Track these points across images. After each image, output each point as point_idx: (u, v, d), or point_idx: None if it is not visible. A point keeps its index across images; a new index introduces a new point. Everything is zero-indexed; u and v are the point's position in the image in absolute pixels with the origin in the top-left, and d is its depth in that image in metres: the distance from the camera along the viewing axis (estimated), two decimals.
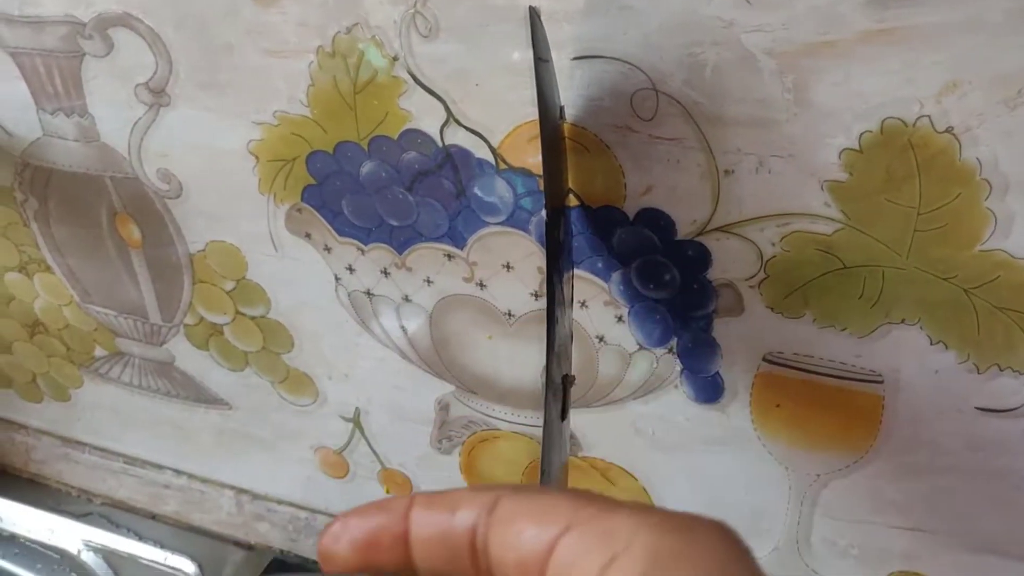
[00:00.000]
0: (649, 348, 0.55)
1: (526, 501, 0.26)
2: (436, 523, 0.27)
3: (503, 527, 0.26)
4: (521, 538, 0.25)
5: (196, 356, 0.70)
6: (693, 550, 0.24)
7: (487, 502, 0.27)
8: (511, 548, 0.26)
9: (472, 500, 0.27)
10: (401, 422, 0.66)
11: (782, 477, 0.56)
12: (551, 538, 0.25)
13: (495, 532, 0.26)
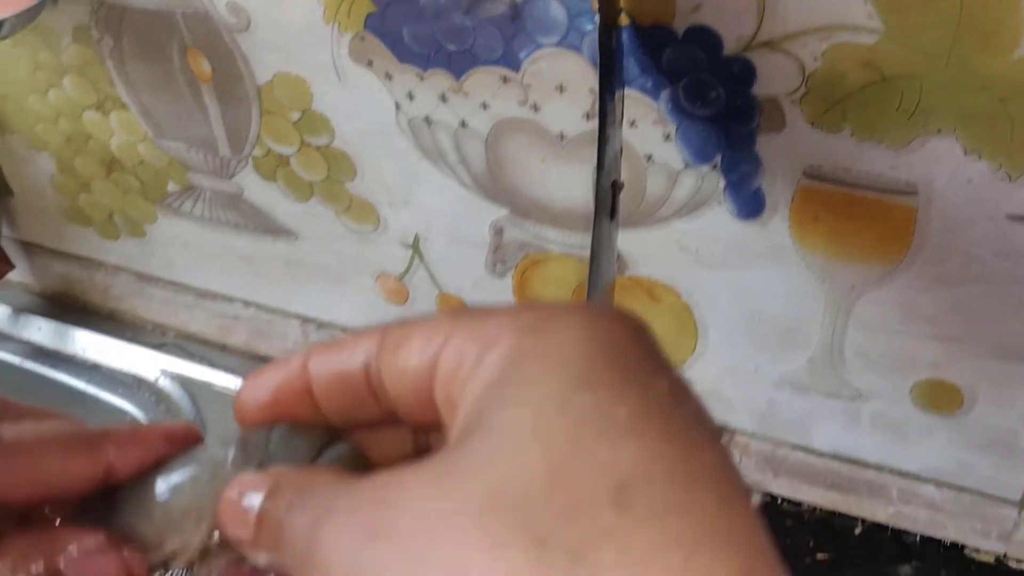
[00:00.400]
0: (695, 165, 0.58)
1: (409, 327, 0.26)
2: (332, 369, 0.27)
3: (391, 356, 0.26)
4: (409, 361, 0.25)
5: (264, 187, 0.74)
6: (549, 346, 0.22)
7: (375, 338, 0.27)
8: (401, 374, 0.26)
9: (360, 339, 0.27)
10: (458, 247, 0.70)
11: (819, 290, 0.60)
12: (434, 352, 0.24)
13: (385, 363, 0.26)
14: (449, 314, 0.25)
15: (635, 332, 0.23)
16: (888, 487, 0.67)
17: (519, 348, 0.22)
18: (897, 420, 0.63)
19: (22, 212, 0.91)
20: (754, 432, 0.69)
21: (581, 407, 0.20)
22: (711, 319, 0.65)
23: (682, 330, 0.66)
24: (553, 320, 0.23)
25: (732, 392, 0.68)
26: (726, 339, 0.65)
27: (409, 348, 0.25)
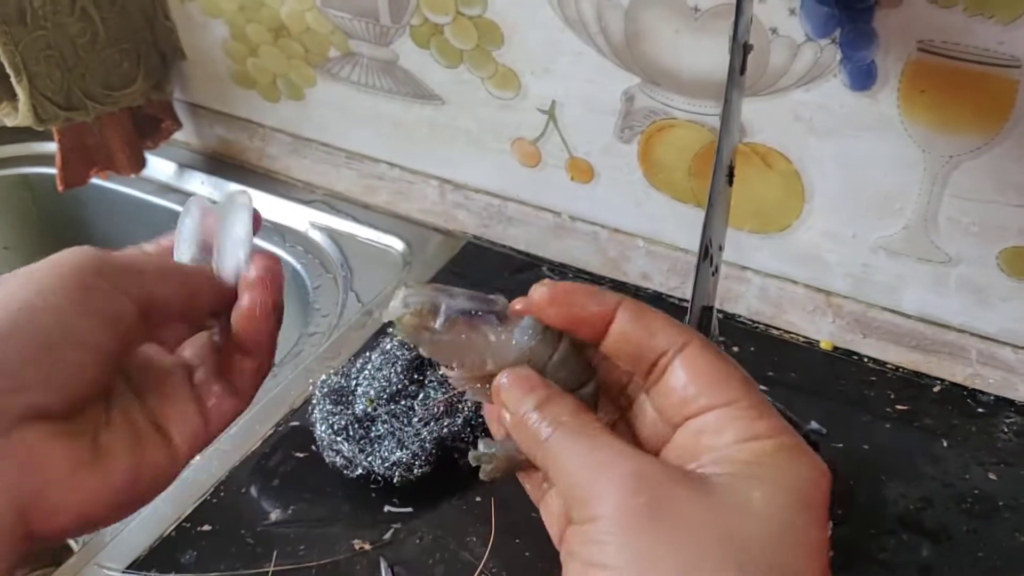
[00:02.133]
0: (815, 39, 0.64)
1: (711, 361, 0.34)
2: (635, 331, 0.35)
3: (680, 369, 0.34)
4: (685, 390, 0.34)
5: (418, 55, 0.83)
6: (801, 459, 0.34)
7: (680, 342, 0.34)
8: (677, 393, 0.34)
9: (669, 332, 0.35)
10: (590, 113, 0.78)
11: (918, 160, 0.66)
12: (711, 404, 0.33)
13: (671, 374, 0.34)
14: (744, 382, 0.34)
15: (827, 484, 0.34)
16: (968, 349, 0.73)
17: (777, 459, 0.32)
18: (982, 284, 0.70)
19: (193, 76, 1.02)
20: (848, 294, 0.76)
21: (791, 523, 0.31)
22: (817, 186, 0.72)
23: (790, 195, 0.73)
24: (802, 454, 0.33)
25: (830, 256, 0.75)
26: (829, 205, 0.72)
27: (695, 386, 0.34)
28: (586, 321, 0.35)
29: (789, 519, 0.30)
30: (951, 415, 0.73)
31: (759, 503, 0.30)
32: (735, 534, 0.30)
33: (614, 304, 0.35)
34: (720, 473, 0.32)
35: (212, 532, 0.70)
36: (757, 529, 0.30)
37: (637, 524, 0.30)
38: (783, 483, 0.31)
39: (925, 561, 0.64)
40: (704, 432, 0.33)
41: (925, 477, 0.69)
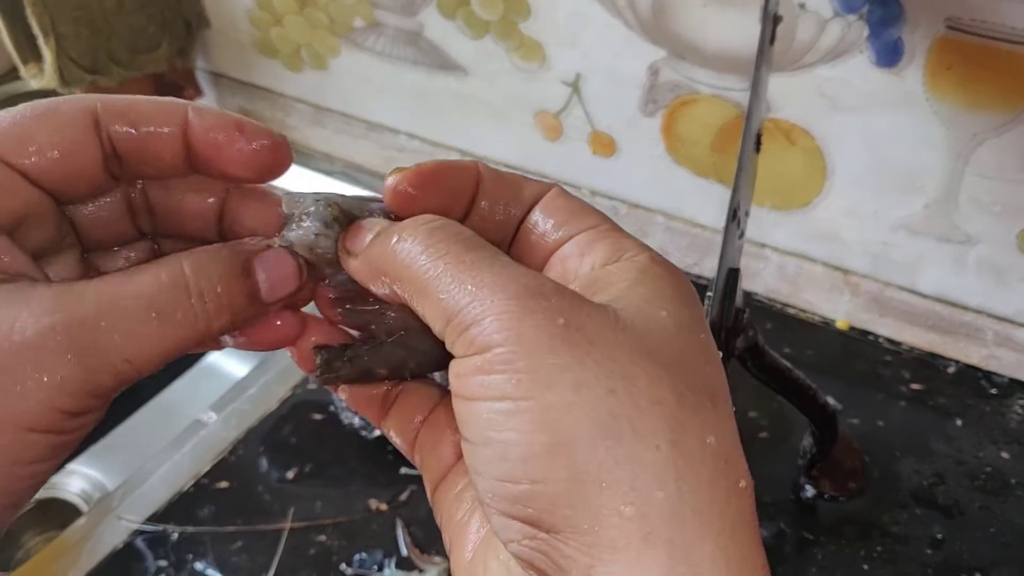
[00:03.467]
0: (843, 14, 0.65)
1: (572, 200, 0.31)
2: (503, 192, 0.31)
3: (541, 212, 0.31)
4: (546, 225, 0.30)
5: (443, 25, 0.83)
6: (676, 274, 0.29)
7: (544, 190, 0.31)
8: (537, 233, 0.31)
9: (534, 186, 0.31)
10: (614, 86, 0.78)
11: (942, 138, 0.67)
12: (571, 233, 0.30)
13: (531, 218, 0.31)
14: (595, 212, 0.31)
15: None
16: (984, 330, 0.74)
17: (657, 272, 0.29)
18: (1001, 265, 0.70)
19: (216, 44, 1.02)
20: (866, 273, 0.77)
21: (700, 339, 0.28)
22: (839, 163, 0.72)
23: (812, 172, 0.74)
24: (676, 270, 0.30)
25: (850, 234, 0.75)
26: (850, 183, 0.73)
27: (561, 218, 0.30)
28: (453, 195, 0.30)
29: (695, 336, 0.28)
30: (965, 395, 0.74)
31: (664, 322, 0.27)
32: (655, 353, 0.26)
33: (474, 169, 0.31)
34: (611, 299, 0.28)
35: (229, 489, 0.71)
36: (673, 348, 0.27)
37: (548, 346, 0.25)
38: (674, 297, 0.28)
39: (937, 535, 0.65)
40: (569, 258, 0.30)
41: (938, 454, 0.70)
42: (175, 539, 0.67)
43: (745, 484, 0.27)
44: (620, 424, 0.25)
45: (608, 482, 0.25)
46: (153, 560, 0.66)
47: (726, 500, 0.26)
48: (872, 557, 0.64)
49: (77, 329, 0.26)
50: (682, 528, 0.25)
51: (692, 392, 0.26)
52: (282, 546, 0.66)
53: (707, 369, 0.27)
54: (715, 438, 0.26)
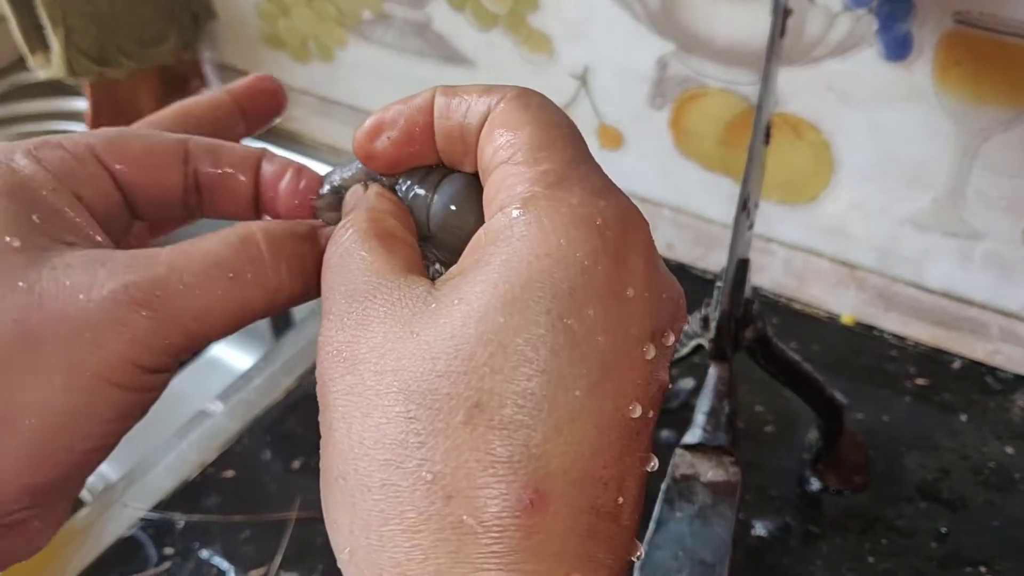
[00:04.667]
0: (852, 7, 0.65)
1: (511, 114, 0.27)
2: (455, 119, 0.29)
3: (487, 133, 0.28)
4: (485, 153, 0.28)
5: (451, 17, 0.83)
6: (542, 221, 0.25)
7: (495, 98, 0.28)
8: (483, 157, 0.28)
9: (483, 97, 0.28)
10: (622, 79, 0.78)
11: (950, 132, 0.67)
12: (496, 163, 0.27)
13: (483, 132, 0.28)
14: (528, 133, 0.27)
15: (610, 247, 0.25)
16: (989, 325, 0.74)
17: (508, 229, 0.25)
18: (1007, 260, 0.70)
19: (223, 36, 1.03)
20: (872, 268, 0.77)
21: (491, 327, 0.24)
22: (846, 157, 0.72)
23: (819, 166, 0.74)
24: (546, 214, 0.25)
25: (857, 228, 0.75)
26: (857, 177, 0.73)
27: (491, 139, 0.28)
28: (412, 135, 0.30)
29: (485, 326, 0.24)
30: (970, 391, 0.74)
31: (454, 314, 0.24)
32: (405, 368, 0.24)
33: (429, 97, 0.30)
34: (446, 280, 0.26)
35: (235, 478, 0.71)
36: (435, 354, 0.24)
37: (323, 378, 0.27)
38: (498, 271, 0.24)
39: (942, 529, 0.65)
40: (488, 204, 0.27)
41: (943, 449, 0.70)
42: (181, 527, 0.67)
43: (475, 520, 0.23)
44: (345, 466, 0.25)
45: (338, 523, 0.25)
46: (159, 548, 0.66)
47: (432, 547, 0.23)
48: (877, 550, 0.64)
49: (150, 286, 0.27)
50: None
51: (432, 412, 0.24)
52: (288, 535, 0.66)
53: (483, 370, 0.24)
54: (434, 471, 0.23)
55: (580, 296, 0.24)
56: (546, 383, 0.23)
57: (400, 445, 0.24)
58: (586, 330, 0.24)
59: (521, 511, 0.23)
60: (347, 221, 0.29)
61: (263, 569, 0.65)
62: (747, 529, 0.65)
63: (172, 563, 0.65)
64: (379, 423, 0.24)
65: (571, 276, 0.24)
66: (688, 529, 0.50)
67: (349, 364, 0.25)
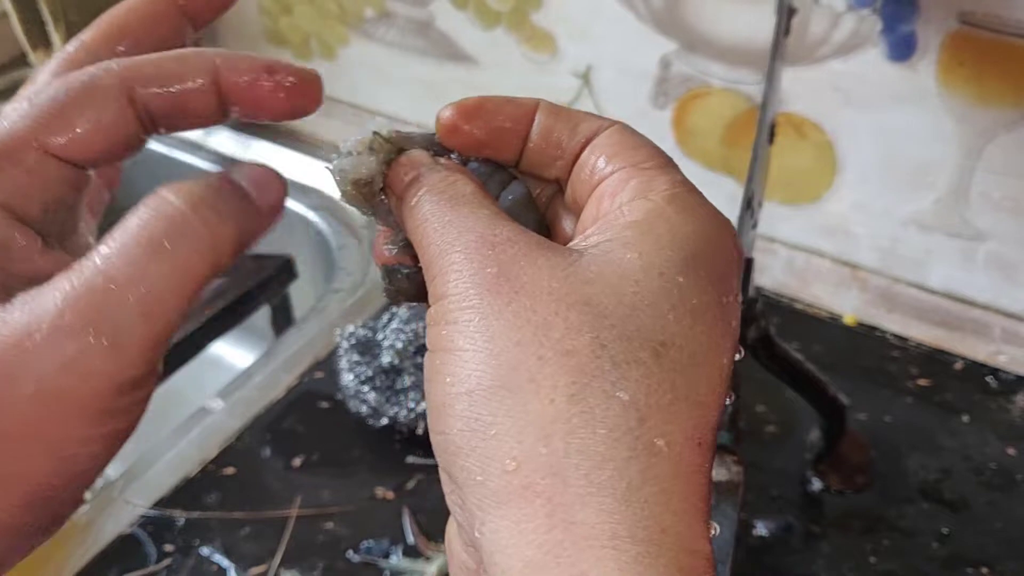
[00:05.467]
0: (856, 8, 0.65)
1: (626, 136, 0.30)
2: (557, 127, 0.30)
3: (595, 148, 0.30)
4: (598, 161, 0.29)
5: (454, 16, 0.83)
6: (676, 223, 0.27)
7: (602, 126, 0.30)
8: (589, 164, 0.30)
9: (591, 122, 0.30)
10: (625, 78, 0.78)
11: (953, 133, 0.67)
12: (614, 169, 0.29)
13: (585, 154, 0.30)
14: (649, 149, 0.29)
15: (738, 252, 0.29)
16: (992, 326, 0.74)
17: (664, 212, 0.27)
18: (1010, 261, 0.70)
19: (225, 34, 1.02)
20: (875, 268, 0.77)
21: (672, 282, 0.26)
22: (850, 158, 0.72)
23: (822, 166, 0.74)
24: (698, 208, 0.28)
25: (860, 228, 0.75)
26: (861, 177, 0.73)
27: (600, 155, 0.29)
28: (505, 130, 0.30)
29: (667, 280, 0.26)
30: (972, 391, 0.74)
31: (629, 265, 0.26)
32: (593, 300, 0.26)
33: (532, 105, 0.31)
34: (599, 242, 0.27)
35: (236, 475, 0.71)
36: (622, 293, 0.26)
37: (479, 298, 0.26)
38: (667, 239, 0.27)
39: (943, 529, 0.65)
40: (603, 197, 0.29)
41: (945, 450, 0.70)
42: (181, 524, 0.67)
43: (665, 444, 0.25)
44: (518, 375, 0.25)
45: (497, 433, 0.25)
46: (159, 545, 0.66)
47: (626, 460, 0.24)
48: (879, 550, 0.64)
49: (83, 304, 0.26)
50: (564, 487, 0.24)
51: (623, 342, 0.25)
52: (289, 532, 0.66)
53: (668, 317, 0.26)
54: (630, 393, 0.25)
55: (728, 283, 0.28)
56: (711, 343, 0.26)
57: (592, 364, 0.25)
58: (730, 311, 0.28)
59: (693, 447, 0.25)
60: (447, 178, 0.29)
61: (263, 567, 0.65)
62: (749, 529, 0.65)
63: (172, 560, 0.65)
64: (563, 337, 0.25)
65: (724, 264, 0.28)
66: None
67: (510, 293, 0.26)
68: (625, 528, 0.24)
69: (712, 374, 0.26)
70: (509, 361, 0.25)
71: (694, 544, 0.24)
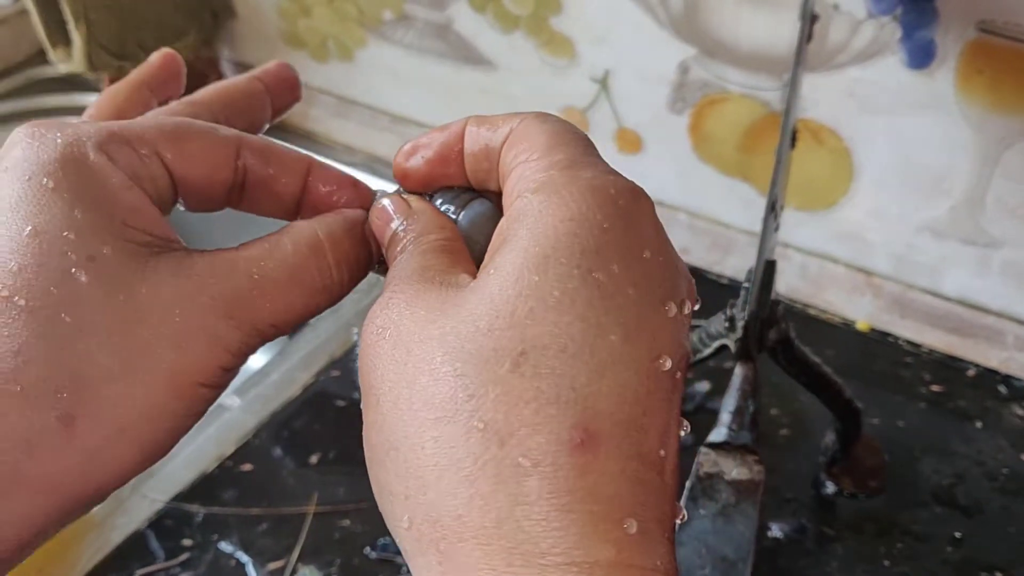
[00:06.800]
0: (877, 15, 0.65)
1: (528, 130, 0.30)
2: (481, 134, 0.31)
3: (507, 148, 0.30)
4: (503, 161, 0.30)
5: (473, 19, 0.84)
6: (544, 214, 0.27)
7: (516, 120, 0.31)
8: (503, 168, 0.30)
9: (509, 120, 0.31)
10: (643, 84, 0.79)
11: (970, 140, 0.67)
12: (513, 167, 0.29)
13: (503, 149, 0.31)
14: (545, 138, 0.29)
15: (624, 213, 0.27)
16: (1005, 333, 0.74)
17: (529, 207, 0.27)
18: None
19: (242, 34, 1.03)
20: (889, 275, 0.77)
21: (527, 285, 0.26)
22: (866, 164, 0.73)
23: (838, 173, 0.74)
24: (564, 188, 0.27)
25: (874, 235, 0.76)
26: (877, 184, 0.73)
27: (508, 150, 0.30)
28: (443, 157, 0.32)
29: (522, 285, 0.25)
30: (984, 398, 0.74)
31: (488, 284, 0.26)
32: (453, 333, 0.25)
33: (462, 124, 0.32)
34: (485, 265, 0.27)
35: (253, 472, 0.71)
36: (478, 317, 0.25)
37: (371, 362, 0.27)
38: (526, 239, 0.26)
39: (957, 534, 0.65)
40: (506, 202, 0.29)
41: (958, 455, 0.70)
42: (199, 519, 0.67)
43: (530, 461, 0.24)
44: (397, 432, 0.26)
45: (392, 493, 0.26)
46: (178, 539, 0.66)
47: (492, 491, 0.24)
48: (893, 554, 0.65)
49: (235, 297, 0.29)
50: (444, 532, 0.24)
51: (479, 365, 0.25)
52: (306, 529, 0.67)
53: (525, 323, 0.25)
54: (486, 419, 0.24)
55: (605, 253, 0.26)
56: (585, 329, 0.25)
57: (450, 400, 0.25)
58: (615, 283, 0.26)
59: (573, 449, 0.24)
60: (417, 231, 0.31)
61: (281, 562, 0.65)
62: (763, 531, 0.66)
63: (191, 554, 0.65)
64: (426, 385, 0.25)
65: (594, 236, 0.26)
66: (711, 527, 0.50)
67: (393, 340, 0.27)
68: (501, 560, 0.23)
69: (598, 358, 0.25)
70: (391, 422, 0.26)
71: (589, 556, 0.23)
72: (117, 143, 0.30)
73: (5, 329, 0.26)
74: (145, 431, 0.28)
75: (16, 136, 0.30)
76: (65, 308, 0.27)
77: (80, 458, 0.27)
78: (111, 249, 0.28)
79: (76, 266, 0.27)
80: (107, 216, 0.28)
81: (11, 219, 0.27)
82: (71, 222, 0.28)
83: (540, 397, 0.24)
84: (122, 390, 0.27)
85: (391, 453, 0.26)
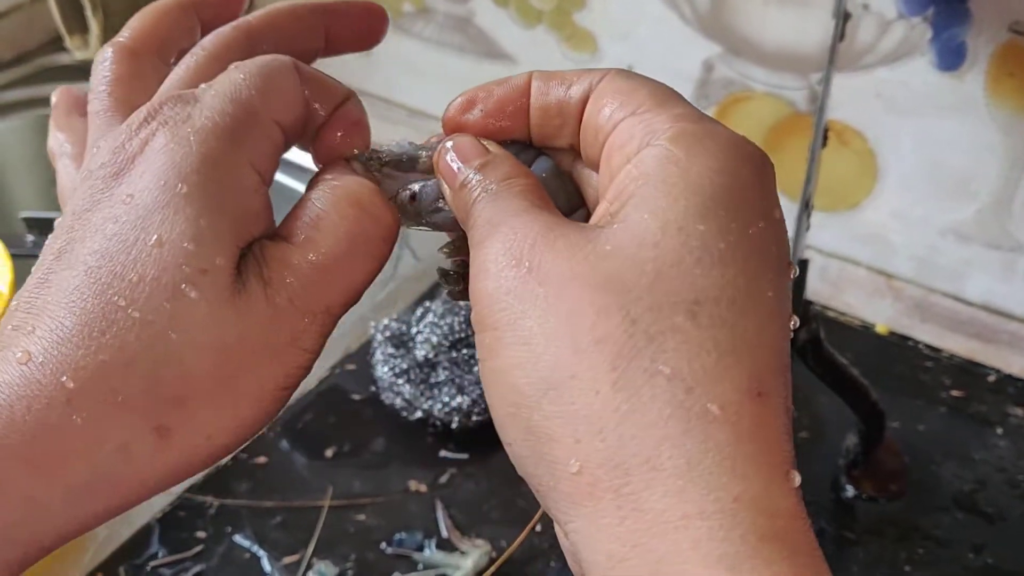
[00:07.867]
0: (907, 16, 0.65)
1: (625, 83, 0.29)
2: (553, 89, 0.30)
3: (594, 102, 0.29)
4: (599, 116, 0.29)
5: (494, 13, 0.83)
6: (692, 167, 0.26)
7: (597, 77, 0.30)
8: (592, 122, 0.29)
9: (584, 76, 0.30)
10: (666, 80, 0.77)
11: (998, 143, 0.67)
12: (616, 120, 0.28)
13: (587, 111, 0.29)
14: (652, 93, 0.28)
15: (760, 171, 0.27)
16: None
17: (672, 156, 0.26)
18: None
19: None
20: (910, 278, 0.77)
21: (693, 234, 0.25)
22: (891, 166, 0.72)
23: (863, 174, 0.74)
24: (705, 140, 0.26)
25: (897, 237, 0.75)
26: (902, 186, 0.73)
27: (605, 104, 0.29)
28: (504, 111, 0.31)
29: (687, 234, 0.25)
30: (1006, 404, 0.74)
31: (645, 228, 0.25)
32: (615, 276, 0.25)
33: (525, 78, 0.31)
34: (616, 210, 0.27)
35: (268, 464, 0.71)
36: (643, 261, 0.25)
37: (503, 300, 0.26)
38: (680, 187, 0.26)
39: (979, 540, 0.65)
40: (612, 154, 0.28)
41: (979, 461, 0.70)
42: (213, 512, 0.67)
43: (719, 407, 0.24)
44: (559, 373, 0.25)
45: (553, 437, 0.25)
46: (191, 531, 0.66)
47: (682, 436, 0.24)
48: (914, 559, 0.64)
49: (303, 293, 0.28)
50: (627, 477, 0.24)
51: (653, 312, 0.25)
52: (321, 523, 0.66)
53: (695, 272, 0.25)
54: (671, 365, 0.24)
55: (756, 209, 0.26)
56: (748, 283, 0.25)
57: (627, 344, 0.24)
58: (763, 240, 0.26)
59: (753, 399, 0.24)
60: (502, 174, 0.29)
61: (296, 556, 0.64)
62: None
63: (204, 546, 0.65)
64: (595, 324, 0.25)
65: (744, 191, 0.26)
66: None
67: (537, 275, 0.26)
68: (693, 505, 0.23)
69: (760, 312, 0.25)
70: (547, 361, 0.25)
71: (772, 504, 0.23)
72: (246, 128, 0.29)
73: (118, 340, 0.26)
74: (229, 439, 0.28)
75: (150, 122, 0.29)
76: (173, 325, 0.27)
77: (171, 466, 0.27)
78: (224, 259, 0.27)
79: (187, 281, 0.27)
80: (230, 222, 0.28)
81: (141, 226, 0.27)
82: (195, 231, 0.27)
83: (719, 347, 0.24)
84: (216, 405, 0.28)
85: (550, 394, 0.25)
